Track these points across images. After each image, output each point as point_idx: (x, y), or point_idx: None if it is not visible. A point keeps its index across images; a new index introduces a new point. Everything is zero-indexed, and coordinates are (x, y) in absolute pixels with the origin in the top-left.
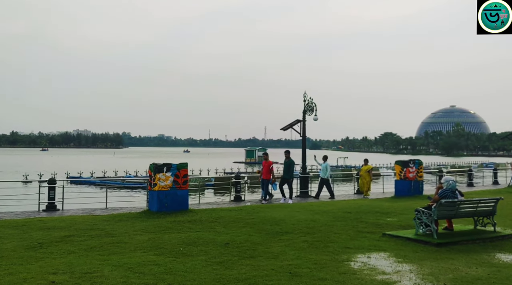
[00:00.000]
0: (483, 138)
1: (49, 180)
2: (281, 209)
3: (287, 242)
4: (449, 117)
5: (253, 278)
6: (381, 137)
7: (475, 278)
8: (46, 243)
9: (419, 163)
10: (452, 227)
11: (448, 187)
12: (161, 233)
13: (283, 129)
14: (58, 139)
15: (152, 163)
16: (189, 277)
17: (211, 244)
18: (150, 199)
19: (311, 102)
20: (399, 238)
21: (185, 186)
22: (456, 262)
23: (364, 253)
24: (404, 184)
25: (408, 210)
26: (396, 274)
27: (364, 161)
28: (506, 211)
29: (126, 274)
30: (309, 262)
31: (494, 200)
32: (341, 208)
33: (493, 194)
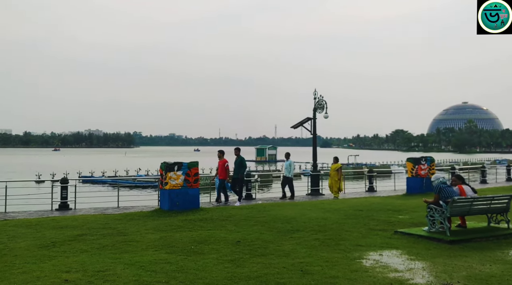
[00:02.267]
0: (496, 135)
1: (62, 179)
2: (292, 207)
3: (298, 240)
4: (461, 114)
5: (264, 276)
6: (392, 135)
7: (489, 276)
8: (59, 242)
9: (431, 160)
10: (465, 224)
11: (438, 183)
12: (173, 231)
13: (294, 127)
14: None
15: (163, 162)
16: (200, 275)
17: (222, 242)
18: (161, 198)
19: (322, 99)
20: (411, 235)
21: (196, 185)
22: (470, 259)
23: (376, 250)
24: (416, 181)
25: (420, 207)
26: (409, 271)
27: (334, 159)
28: None
29: (138, 272)
30: (321, 260)
31: (508, 197)
32: (352, 206)
33: (507, 191)
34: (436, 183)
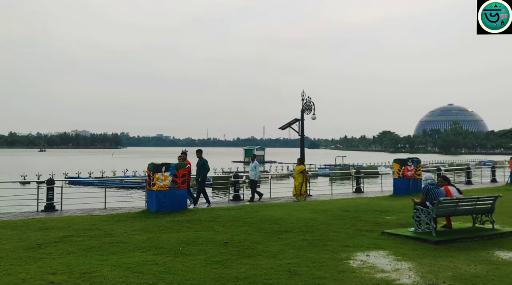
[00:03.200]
0: (481, 136)
1: (48, 180)
2: (280, 208)
3: (286, 241)
4: (447, 115)
5: (252, 277)
6: (380, 136)
7: (474, 276)
8: (45, 243)
9: (417, 162)
10: (450, 225)
11: (426, 184)
12: (160, 232)
13: (282, 128)
14: (56, 140)
15: (150, 163)
16: (188, 277)
17: (210, 243)
18: (149, 199)
19: (310, 101)
20: (398, 236)
21: (184, 186)
22: (455, 259)
23: (363, 251)
24: (402, 182)
25: (406, 208)
26: (395, 272)
27: (298, 161)
28: (504, 209)
29: (125, 273)
30: (308, 261)
31: (493, 198)
32: (340, 207)
33: (492, 191)
34: (425, 184)
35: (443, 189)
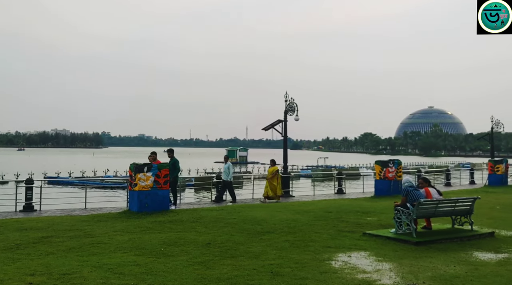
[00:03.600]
0: (460, 139)
1: (26, 180)
2: (262, 208)
3: (269, 241)
4: (427, 118)
5: (234, 278)
6: (361, 138)
7: (453, 276)
8: (23, 244)
9: (398, 163)
10: (430, 226)
11: (406, 186)
12: (142, 233)
13: (265, 129)
14: (35, 139)
15: (132, 163)
16: (170, 278)
17: (192, 244)
18: (130, 199)
19: (293, 102)
20: (379, 237)
21: (166, 186)
22: (435, 260)
23: (345, 252)
24: (383, 183)
25: (387, 209)
26: (377, 272)
27: (271, 162)
28: (482, 210)
29: (106, 275)
30: (291, 262)
31: (472, 200)
32: (322, 208)
33: (470, 193)
34: (405, 186)
35: (423, 191)
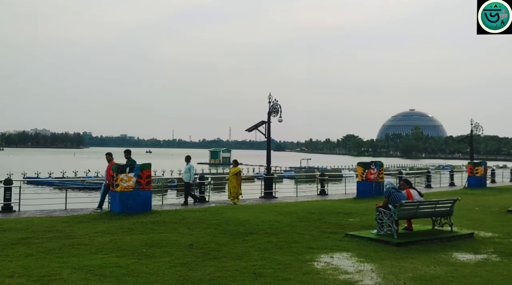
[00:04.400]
0: (440, 141)
1: (5, 180)
2: (245, 210)
3: (252, 242)
4: (408, 120)
5: (217, 279)
6: (344, 139)
7: (434, 277)
8: (1, 245)
9: (380, 165)
10: (411, 227)
11: (388, 187)
12: (123, 234)
13: (248, 130)
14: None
15: (114, 164)
16: (152, 279)
17: (175, 245)
18: (112, 200)
19: (276, 103)
20: (361, 238)
21: (148, 187)
22: (416, 261)
23: (327, 253)
24: (365, 185)
25: (369, 210)
26: (358, 273)
27: (233, 162)
28: (462, 212)
29: (86, 276)
30: (273, 263)
31: (452, 201)
32: (304, 209)
33: (450, 195)
34: (387, 188)
35: (405, 192)
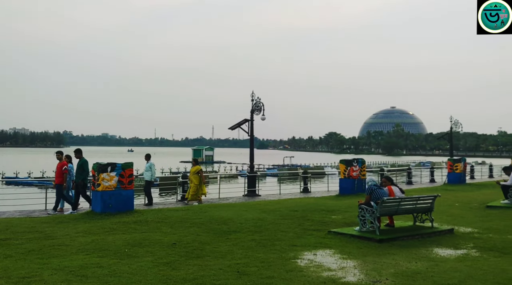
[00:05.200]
0: (420, 138)
1: None
2: (229, 208)
3: (235, 241)
4: (389, 118)
5: (200, 278)
6: (326, 137)
7: (415, 272)
8: None
9: (362, 162)
10: (393, 223)
11: (370, 184)
12: (105, 234)
13: (231, 129)
14: None
15: (95, 163)
16: (134, 279)
17: (158, 244)
18: (93, 200)
19: (259, 102)
20: (344, 235)
21: (131, 186)
22: (397, 257)
23: (310, 250)
24: (348, 182)
25: (352, 207)
26: (341, 270)
27: (193, 161)
28: (442, 208)
29: (67, 277)
30: (257, 261)
31: (432, 197)
32: (288, 207)
33: (430, 191)
34: (369, 185)
35: (386, 189)
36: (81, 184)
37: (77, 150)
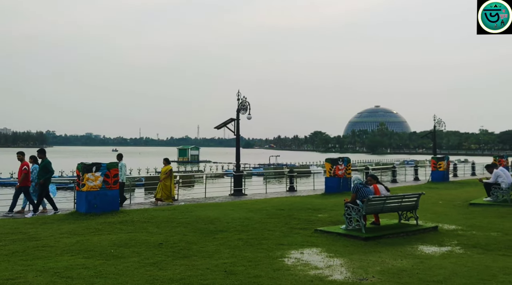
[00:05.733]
0: (404, 137)
1: None
2: (215, 207)
3: (222, 240)
4: (374, 116)
5: (188, 278)
6: (311, 136)
7: (401, 270)
8: None
9: (347, 161)
10: (379, 221)
11: (356, 183)
12: (90, 235)
13: (217, 128)
14: None
15: (80, 163)
16: (121, 280)
17: (144, 245)
18: (78, 200)
19: (245, 101)
20: (330, 233)
21: (116, 186)
22: (383, 255)
23: (297, 249)
24: (333, 181)
25: (338, 206)
26: (328, 268)
27: (164, 161)
28: (426, 206)
29: (52, 279)
30: (244, 260)
31: (417, 195)
32: (274, 206)
33: (415, 189)
34: (355, 183)
35: (372, 188)
36: (41, 183)
37: (40, 150)
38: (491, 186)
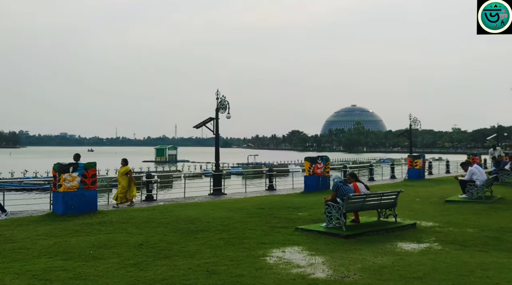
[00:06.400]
0: (380, 136)
1: None
2: (195, 207)
3: (203, 240)
4: (350, 116)
5: (169, 279)
6: (289, 135)
7: (381, 267)
8: None
9: (326, 160)
10: (358, 219)
11: (336, 181)
12: (68, 236)
13: (196, 127)
14: None
15: (56, 163)
16: (101, 282)
17: (124, 245)
18: (54, 201)
19: (224, 100)
20: (311, 231)
21: (94, 187)
22: (364, 252)
23: (279, 247)
24: (313, 179)
25: (317, 204)
26: (310, 266)
27: (122, 161)
28: (404, 203)
29: (30, 282)
30: (226, 259)
31: (396, 193)
32: (254, 205)
33: (392, 187)
34: (335, 182)
35: (352, 186)
36: None
37: None
38: (466, 183)
